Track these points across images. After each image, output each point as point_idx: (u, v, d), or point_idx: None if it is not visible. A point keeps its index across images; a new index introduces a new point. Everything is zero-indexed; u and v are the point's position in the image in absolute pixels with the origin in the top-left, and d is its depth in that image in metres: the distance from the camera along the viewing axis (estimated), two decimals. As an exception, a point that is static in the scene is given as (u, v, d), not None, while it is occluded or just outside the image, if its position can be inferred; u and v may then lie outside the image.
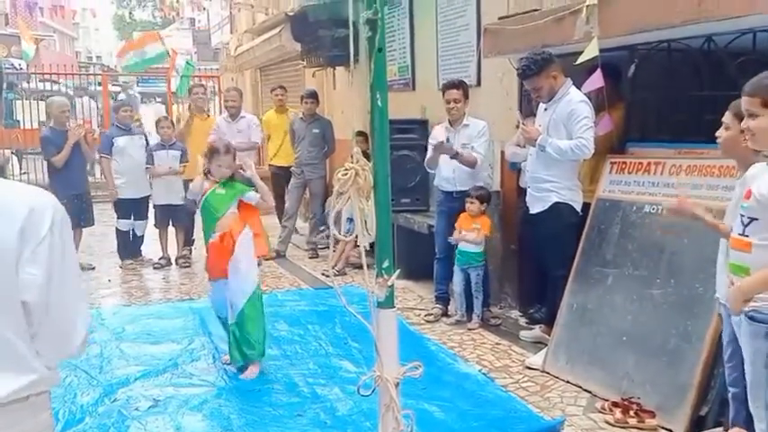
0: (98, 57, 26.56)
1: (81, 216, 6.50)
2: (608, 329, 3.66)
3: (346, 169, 1.71)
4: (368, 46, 1.73)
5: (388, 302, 1.74)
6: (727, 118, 2.53)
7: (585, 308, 3.85)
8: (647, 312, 3.48)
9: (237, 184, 4.10)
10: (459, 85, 4.85)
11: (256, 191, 4.08)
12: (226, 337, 4.10)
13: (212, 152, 4.02)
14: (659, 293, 3.44)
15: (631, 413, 3.16)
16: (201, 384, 3.84)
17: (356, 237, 1.78)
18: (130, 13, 30.30)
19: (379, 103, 1.73)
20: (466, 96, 4.83)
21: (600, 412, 3.32)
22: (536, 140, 4.08)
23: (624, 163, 3.98)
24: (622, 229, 3.80)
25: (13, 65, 14.53)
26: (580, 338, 3.80)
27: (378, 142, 1.77)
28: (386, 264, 1.73)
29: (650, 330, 3.42)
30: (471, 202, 4.67)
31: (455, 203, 4.81)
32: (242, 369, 3.94)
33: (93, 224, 6.79)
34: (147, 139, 6.94)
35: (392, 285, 1.76)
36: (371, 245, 1.78)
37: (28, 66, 14.63)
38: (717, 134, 2.59)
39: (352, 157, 5.83)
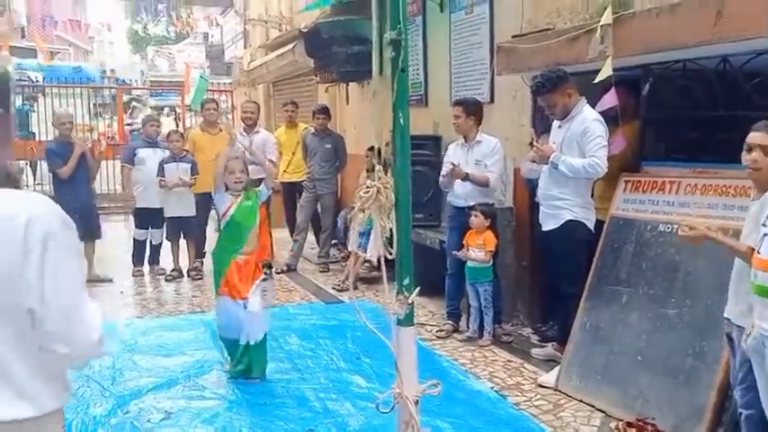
0: (112, 70, 26.89)
1: (87, 228, 6.54)
2: (622, 349, 3.64)
3: (368, 187, 1.72)
4: (391, 66, 1.75)
5: (407, 320, 1.74)
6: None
7: (599, 326, 3.83)
8: (662, 332, 3.46)
9: (253, 192, 4.21)
10: (458, 102, 5.01)
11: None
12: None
13: (225, 161, 4.18)
14: (674, 313, 3.42)
15: (646, 434, 3.14)
16: (213, 397, 3.84)
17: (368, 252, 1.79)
18: (145, 27, 30.70)
19: (402, 121, 1.75)
20: (468, 113, 4.88)
21: (614, 432, 3.29)
22: (549, 158, 4.10)
23: (639, 182, 3.98)
24: (636, 247, 3.79)
25: (29, 77, 14.70)
26: (593, 357, 3.77)
27: (400, 160, 1.78)
28: (406, 281, 1.74)
29: (665, 350, 3.40)
30: (475, 216, 4.68)
31: (467, 219, 4.81)
32: (238, 377, 4.08)
33: (100, 237, 6.83)
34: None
35: (412, 303, 1.76)
36: (380, 260, 1.79)
37: (44, 78, 14.80)
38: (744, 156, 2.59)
39: (367, 171, 5.92)
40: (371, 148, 7.10)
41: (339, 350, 4.59)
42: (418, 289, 1.78)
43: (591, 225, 4.10)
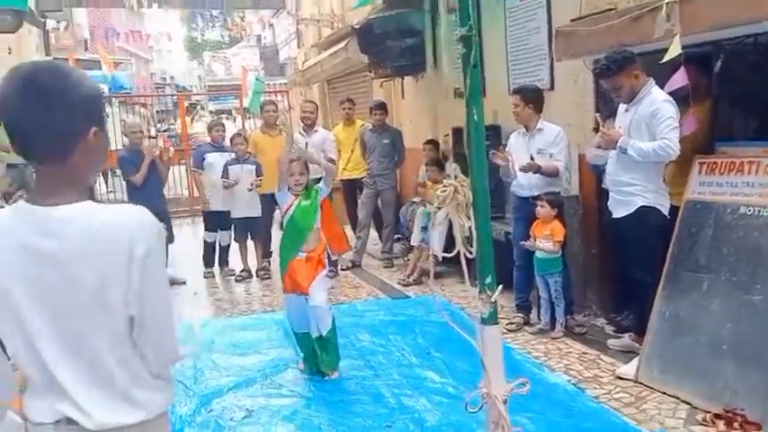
0: (171, 77, 27.74)
1: None
2: (705, 338, 3.51)
3: (445, 186, 1.72)
4: (462, 62, 1.74)
5: (492, 318, 1.73)
6: None
7: (679, 315, 3.71)
8: (748, 319, 3.32)
9: (313, 190, 4.24)
10: (517, 91, 4.95)
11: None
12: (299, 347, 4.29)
13: (286, 163, 4.22)
14: (760, 299, 3.28)
15: (735, 425, 3.02)
16: (291, 395, 3.94)
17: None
18: (202, 34, 31.54)
19: (476, 117, 1.74)
20: (526, 102, 4.81)
21: (701, 424, 3.18)
22: (617, 143, 3.99)
23: (714, 163, 3.83)
24: (716, 231, 3.64)
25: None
26: (675, 347, 3.66)
27: (475, 156, 1.77)
28: (488, 279, 1.73)
29: (752, 338, 3.26)
30: (542, 206, 4.61)
31: (532, 209, 4.75)
32: (315, 373, 4.17)
33: (173, 241, 7.08)
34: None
35: (495, 302, 1.75)
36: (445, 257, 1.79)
37: (109, 89, 15.41)
38: None
39: (425, 165, 5.91)
40: (430, 141, 7.09)
41: (409, 346, 4.61)
42: (501, 287, 1.77)
43: (665, 210, 3.97)
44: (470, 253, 1.73)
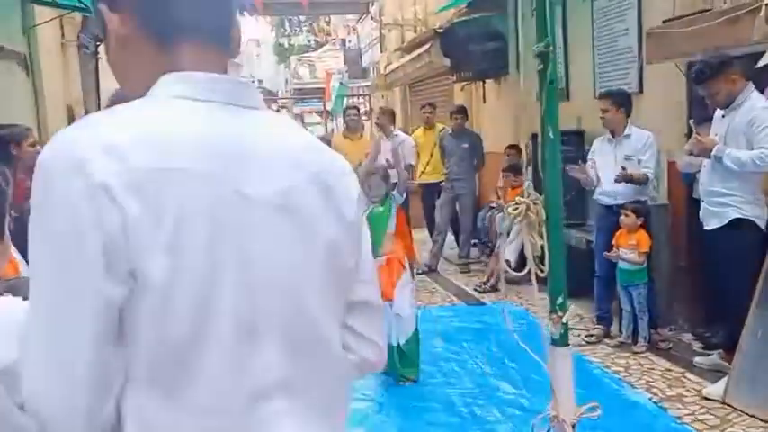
0: (260, 81, 28.65)
1: None
2: (804, 362, 3.27)
3: (517, 203, 1.68)
4: (539, 79, 1.70)
5: (562, 340, 1.68)
6: None
7: (774, 336, 3.46)
8: None
9: (388, 198, 4.29)
10: (606, 95, 4.80)
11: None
12: None
13: (364, 176, 4.26)
14: None
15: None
16: (362, 399, 3.96)
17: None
18: (289, 39, 32.39)
19: (551, 134, 1.70)
20: (618, 106, 4.63)
21: (797, 455, 2.97)
22: (711, 151, 3.77)
23: (820, 174, 3.55)
24: (819, 248, 3.38)
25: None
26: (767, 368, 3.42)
27: (550, 176, 1.73)
28: (560, 300, 1.68)
29: None
30: (626, 215, 4.43)
31: (616, 218, 4.57)
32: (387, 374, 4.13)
33: None
34: None
35: (566, 323, 1.70)
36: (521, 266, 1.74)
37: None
38: None
39: (502, 171, 5.80)
40: (512, 147, 6.97)
41: (484, 354, 4.55)
42: (573, 307, 1.71)
43: (762, 223, 3.72)
44: (542, 271, 1.68)
